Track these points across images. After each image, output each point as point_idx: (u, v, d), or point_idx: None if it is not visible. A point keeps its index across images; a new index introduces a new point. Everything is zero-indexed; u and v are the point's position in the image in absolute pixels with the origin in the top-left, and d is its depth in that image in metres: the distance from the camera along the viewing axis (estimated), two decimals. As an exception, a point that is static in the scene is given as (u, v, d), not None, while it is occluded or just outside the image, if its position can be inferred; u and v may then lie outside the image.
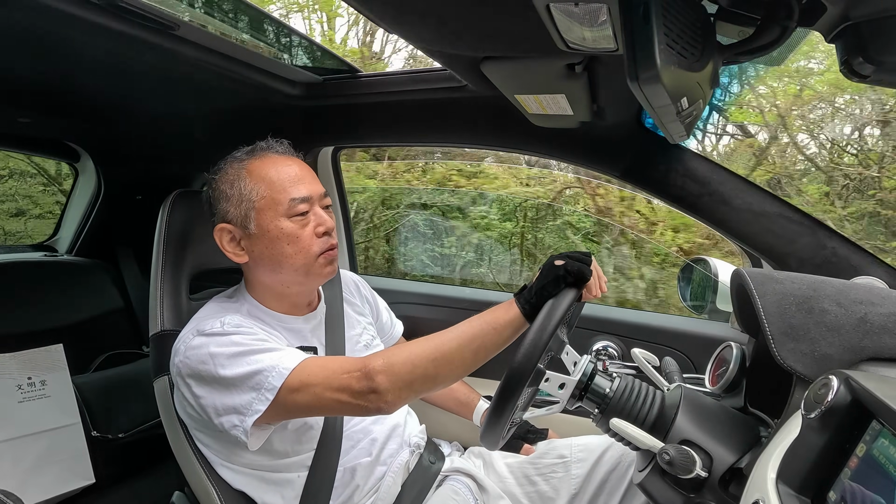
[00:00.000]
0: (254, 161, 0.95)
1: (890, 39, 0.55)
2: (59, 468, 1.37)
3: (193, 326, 0.90)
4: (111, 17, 0.83)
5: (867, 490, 0.46)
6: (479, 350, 0.81)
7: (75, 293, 1.69)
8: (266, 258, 0.93)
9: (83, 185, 1.81)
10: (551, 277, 0.81)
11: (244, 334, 0.86)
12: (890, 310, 0.65)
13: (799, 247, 1.02)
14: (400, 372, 0.78)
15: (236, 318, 0.89)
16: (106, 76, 1.07)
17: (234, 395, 0.82)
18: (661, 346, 1.30)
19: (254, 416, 0.80)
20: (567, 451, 1.11)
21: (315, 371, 0.82)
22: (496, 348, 0.82)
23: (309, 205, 0.94)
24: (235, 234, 0.95)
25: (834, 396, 0.51)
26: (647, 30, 0.49)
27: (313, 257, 0.93)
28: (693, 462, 0.68)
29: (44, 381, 1.41)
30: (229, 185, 0.94)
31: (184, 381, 0.87)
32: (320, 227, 0.94)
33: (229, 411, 0.82)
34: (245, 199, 0.92)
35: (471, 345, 0.81)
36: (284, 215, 0.92)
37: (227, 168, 0.96)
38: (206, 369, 0.83)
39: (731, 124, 3.31)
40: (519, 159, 3.73)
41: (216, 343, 0.84)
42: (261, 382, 0.81)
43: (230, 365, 0.82)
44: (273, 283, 0.97)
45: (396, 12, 0.75)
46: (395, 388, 0.78)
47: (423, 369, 0.79)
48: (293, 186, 0.93)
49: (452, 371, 0.81)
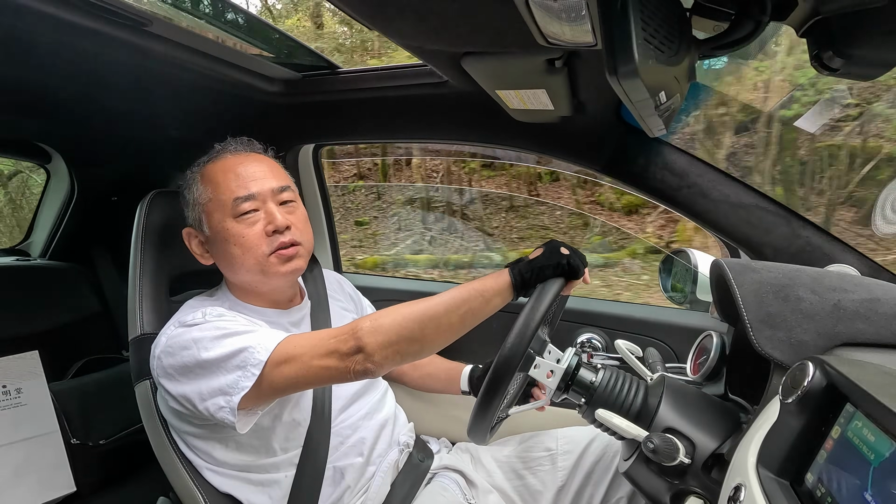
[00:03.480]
0: (209, 164, 0.96)
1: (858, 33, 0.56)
2: (37, 478, 1.33)
3: (174, 320, 0.89)
4: (80, 13, 0.81)
5: (843, 471, 0.48)
6: (466, 315, 0.81)
7: (50, 298, 1.65)
8: (222, 260, 0.94)
9: (55, 186, 1.76)
10: (553, 262, 0.82)
11: (226, 319, 0.86)
12: (862, 296, 0.67)
13: (775, 237, 1.04)
14: (387, 331, 0.78)
15: (218, 309, 0.88)
16: (76, 74, 1.04)
17: (219, 375, 0.80)
18: (643, 337, 1.32)
19: (240, 392, 0.79)
20: (553, 443, 1.12)
21: (301, 342, 0.81)
22: (483, 315, 0.83)
23: (257, 202, 0.92)
24: (199, 237, 0.96)
25: (810, 381, 0.53)
26: (624, 24, 0.50)
27: (263, 257, 0.91)
28: (676, 449, 0.69)
29: (19, 389, 1.37)
30: (188, 190, 0.96)
31: (165, 372, 0.85)
32: (270, 226, 0.92)
33: (215, 393, 0.80)
34: (197, 203, 0.94)
35: (458, 309, 0.81)
36: (230, 216, 0.91)
37: (188, 173, 0.98)
38: (188, 354, 0.82)
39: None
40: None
41: (199, 329, 0.83)
42: (246, 360, 0.79)
43: (213, 347, 0.81)
44: (240, 282, 0.97)
45: (375, 8, 0.75)
46: (382, 348, 0.77)
47: (410, 330, 0.79)
48: (238, 185, 0.92)
49: (439, 335, 0.81)
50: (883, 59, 0.58)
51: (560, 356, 0.85)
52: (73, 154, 1.65)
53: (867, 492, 0.44)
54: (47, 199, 1.80)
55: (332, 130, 1.41)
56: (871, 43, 0.56)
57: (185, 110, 1.32)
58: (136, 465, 1.56)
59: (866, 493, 0.44)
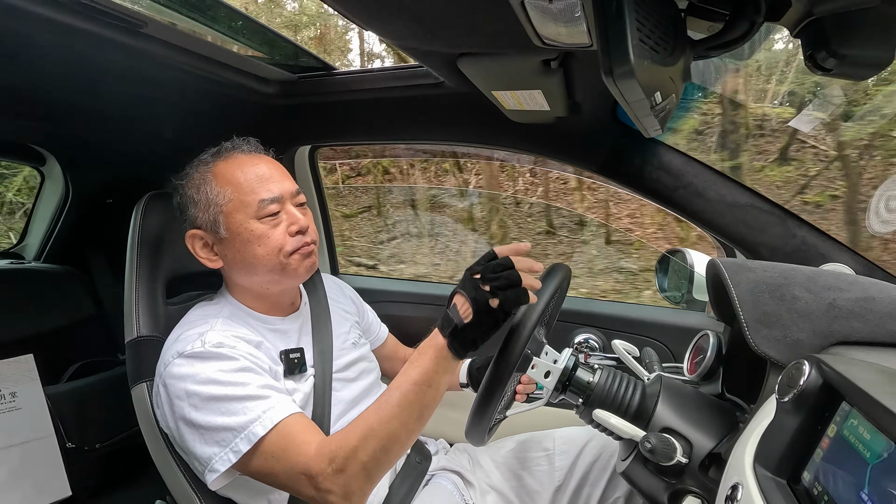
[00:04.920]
0: (219, 163, 0.93)
1: (851, 34, 0.56)
2: (32, 482, 1.32)
3: (174, 343, 0.87)
4: (76, 15, 0.80)
5: (839, 469, 0.48)
6: (423, 412, 0.79)
7: (45, 301, 1.64)
8: (239, 261, 0.91)
9: (50, 189, 1.75)
10: (489, 324, 0.75)
11: (226, 359, 0.83)
12: (857, 295, 0.68)
13: (770, 236, 1.05)
14: (352, 473, 0.77)
15: (218, 336, 0.86)
16: (71, 76, 1.03)
17: (200, 444, 0.80)
18: (640, 337, 1.32)
19: (213, 473, 0.79)
20: (550, 443, 1.12)
21: (277, 453, 0.79)
22: (439, 397, 0.81)
23: (279, 204, 0.92)
24: (207, 240, 0.93)
25: (806, 380, 0.53)
26: (620, 25, 0.50)
27: (286, 256, 0.91)
28: (674, 449, 0.69)
29: (14, 393, 1.36)
30: (196, 190, 0.92)
31: (165, 400, 0.85)
32: (293, 227, 0.92)
33: (193, 455, 0.82)
34: (213, 204, 0.90)
35: (413, 414, 0.79)
36: (254, 217, 0.90)
37: (192, 172, 0.94)
38: (179, 406, 0.81)
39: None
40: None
41: (193, 378, 0.81)
42: (227, 440, 0.79)
43: (203, 409, 0.80)
44: (251, 284, 0.95)
45: (371, 9, 0.74)
46: (352, 493, 0.77)
47: (375, 460, 0.77)
48: (262, 187, 0.91)
49: (403, 446, 0.81)
50: (876, 59, 0.59)
51: (557, 357, 0.85)
52: (67, 156, 1.64)
53: (864, 490, 0.44)
54: (42, 201, 1.79)
55: (328, 132, 1.41)
56: (864, 43, 0.57)
57: (180, 112, 1.31)
58: (132, 469, 1.55)
59: (863, 491, 0.44)
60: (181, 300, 1.07)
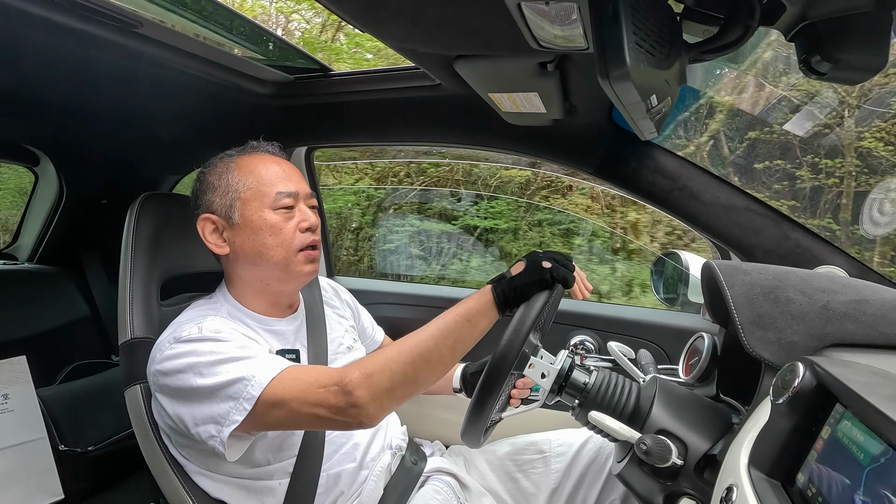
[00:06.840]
0: (244, 157, 0.97)
1: (845, 38, 0.57)
2: (24, 485, 1.31)
3: (170, 333, 0.87)
4: (70, 14, 0.80)
5: (833, 471, 0.48)
6: (456, 344, 0.81)
7: (38, 302, 1.62)
8: (247, 249, 0.93)
9: (43, 189, 1.73)
10: (536, 278, 0.81)
11: (223, 341, 0.84)
12: (850, 297, 0.68)
13: (765, 239, 1.05)
14: (379, 381, 0.76)
15: (215, 323, 0.87)
16: (65, 76, 1.03)
17: (212, 404, 0.79)
18: (636, 339, 1.33)
19: (231, 425, 0.78)
20: (546, 445, 1.12)
21: (291, 384, 0.79)
22: (473, 340, 0.82)
23: (294, 200, 0.95)
24: (218, 225, 0.94)
25: (800, 382, 0.53)
26: (616, 28, 0.50)
27: (294, 251, 0.93)
28: (669, 451, 0.70)
29: (6, 395, 1.35)
30: (217, 177, 0.95)
31: (160, 390, 0.84)
32: (304, 223, 0.95)
33: (206, 421, 0.80)
34: (231, 190, 0.93)
35: (447, 340, 0.80)
36: (269, 207, 0.93)
37: (217, 162, 0.98)
38: (184, 378, 0.81)
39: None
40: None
41: (194, 352, 0.82)
42: (239, 391, 0.78)
43: (208, 374, 0.80)
44: (252, 278, 0.96)
45: (368, 10, 0.74)
46: (376, 399, 0.76)
47: (403, 374, 0.77)
48: (280, 181, 0.95)
49: (432, 371, 0.81)
50: (870, 64, 0.59)
51: (553, 359, 0.85)
52: (61, 156, 1.63)
53: (858, 493, 0.44)
54: (35, 202, 1.77)
55: (324, 133, 1.41)
56: (858, 47, 0.57)
57: (175, 113, 1.31)
58: (125, 472, 1.54)
59: (857, 494, 0.44)
60: (176, 302, 1.07)
